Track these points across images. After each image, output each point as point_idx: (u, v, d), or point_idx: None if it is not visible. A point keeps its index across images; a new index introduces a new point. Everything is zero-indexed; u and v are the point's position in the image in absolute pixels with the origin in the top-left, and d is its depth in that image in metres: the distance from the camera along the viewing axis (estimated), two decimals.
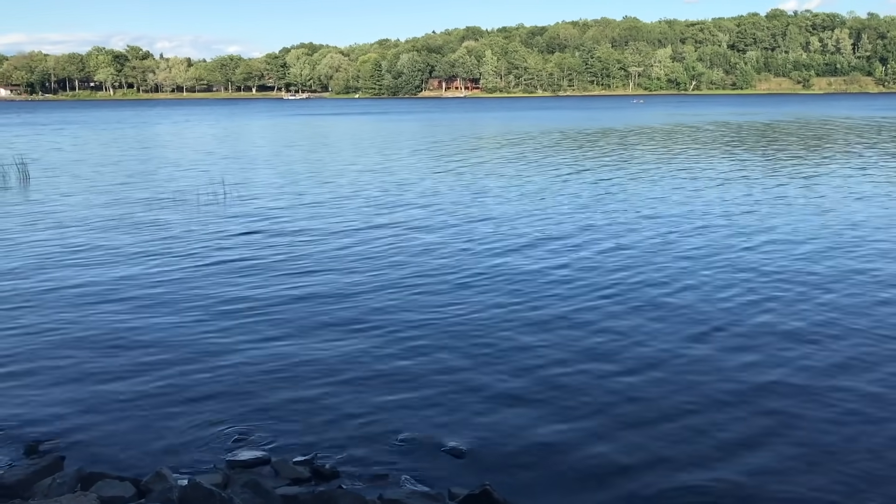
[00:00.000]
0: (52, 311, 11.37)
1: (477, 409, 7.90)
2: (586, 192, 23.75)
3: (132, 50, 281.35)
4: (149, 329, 10.51)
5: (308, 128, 71.64)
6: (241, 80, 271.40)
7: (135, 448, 7.11)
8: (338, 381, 8.60)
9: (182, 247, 15.94)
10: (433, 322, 10.70)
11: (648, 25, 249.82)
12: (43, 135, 61.67)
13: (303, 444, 7.17)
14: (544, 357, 9.32)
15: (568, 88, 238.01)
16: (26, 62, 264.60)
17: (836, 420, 7.58)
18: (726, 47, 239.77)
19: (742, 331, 10.26)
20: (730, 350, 9.54)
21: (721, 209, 20.24)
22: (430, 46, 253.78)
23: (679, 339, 9.94)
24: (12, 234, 17.55)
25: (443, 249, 15.46)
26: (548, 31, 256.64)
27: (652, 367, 9.00)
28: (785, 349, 9.53)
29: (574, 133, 56.22)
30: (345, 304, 11.65)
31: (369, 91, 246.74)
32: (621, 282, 12.81)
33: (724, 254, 14.87)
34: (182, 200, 22.63)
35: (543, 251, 15.23)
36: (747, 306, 11.38)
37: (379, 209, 20.74)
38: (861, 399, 8.05)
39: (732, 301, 11.65)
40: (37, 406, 8.02)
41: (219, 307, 11.52)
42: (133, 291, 12.47)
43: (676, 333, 10.17)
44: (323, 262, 14.48)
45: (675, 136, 52.38)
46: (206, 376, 8.78)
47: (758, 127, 62.32)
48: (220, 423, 7.58)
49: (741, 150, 39.44)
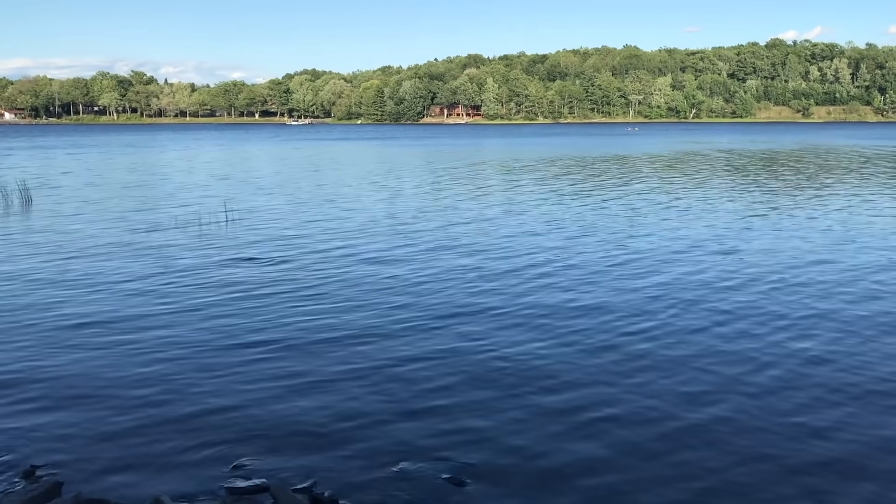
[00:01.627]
0: (47, 336, 11.34)
1: (479, 437, 7.85)
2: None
3: (136, 75, 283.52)
4: (146, 355, 10.48)
5: (312, 153, 71.88)
6: (244, 106, 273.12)
7: (133, 474, 7.07)
8: (338, 409, 8.57)
9: (179, 273, 15.93)
10: (432, 350, 10.67)
11: (648, 54, 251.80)
12: (52, 158, 61.88)
13: (301, 472, 7.13)
14: (550, 386, 9.28)
15: (569, 116, 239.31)
16: (31, 86, 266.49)
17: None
18: (726, 76, 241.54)
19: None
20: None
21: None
22: (432, 73, 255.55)
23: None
24: (7, 258, 17.56)
25: (442, 276, 15.45)
26: (549, 59, 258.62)
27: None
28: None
29: (582, 160, 56.41)
30: (344, 330, 11.62)
31: (371, 117, 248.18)
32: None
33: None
34: (184, 224, 22.67)
35: (549, 273, 15.25)
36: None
37: (376, 233, 20.78)
38: None
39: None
40: (35, 431, 7.98)
41: (216, 333, 11.50)
42: (130, 317, 12.45)
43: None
44: (322, 286, 14.46)
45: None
46: (204, 402, 8.75)
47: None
48: (219, 450, 7.55)
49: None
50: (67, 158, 62.23)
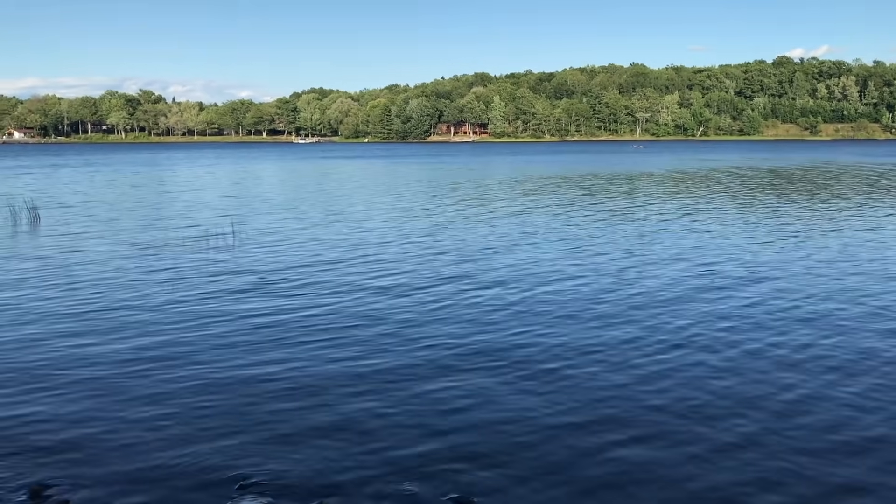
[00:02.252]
0: (51, 357, 11.37)
1: (487, 458, 7.83)
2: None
3: (144, 94, 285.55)
4: (151, 373, 10.50)
5: (321, 172, 72.14)
6: (251, 124, 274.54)
7: (139, 492, 7.07)
8: (344, 429, 8.55)
9: (185, 290, 15.98)
10: (440, 368, 10.66)
11: (656, 72, 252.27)
12: (61, 177, 62.25)
13: (306, 492, 7.12)
14: (560, 407, 9.26)
15: (576, 133, 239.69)
16: (40, 105, 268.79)
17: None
18: (733, 94, 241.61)
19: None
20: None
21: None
22: (438, 92, 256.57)
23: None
24: (14, 276, 17.63)
25: (451, 293, 15.46)
26: (556, 77, 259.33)
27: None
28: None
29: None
30: (351, 350, 11.62)
31: (378, 135, 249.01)
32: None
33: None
34: (191, 243, 22.74)
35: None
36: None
37: (380, 250, 20.82)
38: None
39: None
40: (42, 450, 7.99)
41: (222, 350, 11.52)
42: (134, 338, 12.47)
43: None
44: (330, 306, 14.48)
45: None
46: (209, 423, 8.75)
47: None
48: (224, 469, 7.54)
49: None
50: (77, 177, 62.59)
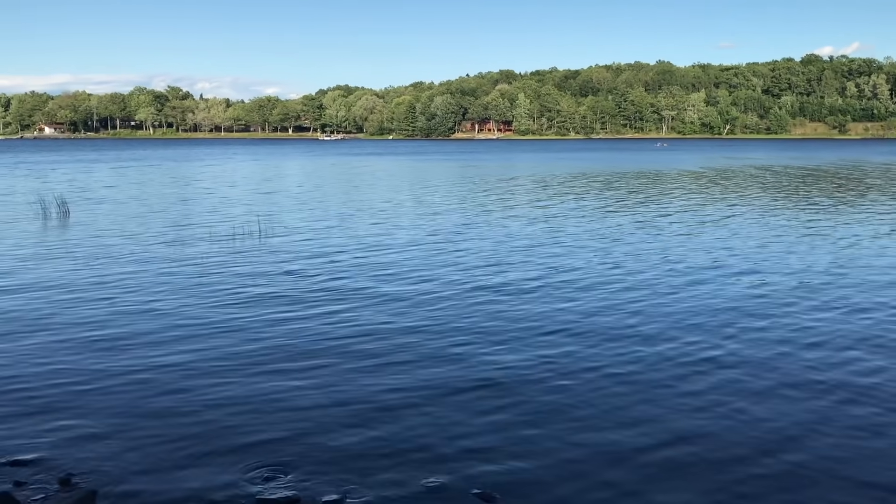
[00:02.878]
0: (80, 348, 11.51)
1: (512, 454, 7.81)
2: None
3: (172, 90, 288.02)
4: (180, 366, 10.60)
5: (348, 168, 72.39)
6: (277, 121, 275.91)
7: (166, 484, 7.14)
8: (368, 424, 8.58)
9: (213, 284, 16.11)
10: (466, 365, 10.66)
11: (682, 70, 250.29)
12: (93, 172, 62.97)
13: (332, 486, 7.14)
14: (587, 403, 9.23)
15: (601, 131, 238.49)
16: (71, 101, 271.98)
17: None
18: (761, 92, 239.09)
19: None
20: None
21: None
22: (463, 89, 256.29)
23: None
24: (44, 267, 17.87)
25: (481, 290, 15.45)
26: (581, 75, 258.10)
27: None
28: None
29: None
30: (377, 344, 11.66)
31: (403, 132, 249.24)
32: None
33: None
34: (217, 236, 22.91)
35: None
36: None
37: (410, 246, 20.85)
38: None
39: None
40: (71, 440, 8.09)
41: (249, 345, 11.59)
42: (161, 330, 12.60)
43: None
44: (357, 301, 14.52)
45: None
46: (238, 416, 8.81)
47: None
48: (251, 462, 7.59)
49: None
50: (108, 172, 63.29)
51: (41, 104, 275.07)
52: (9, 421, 8.55)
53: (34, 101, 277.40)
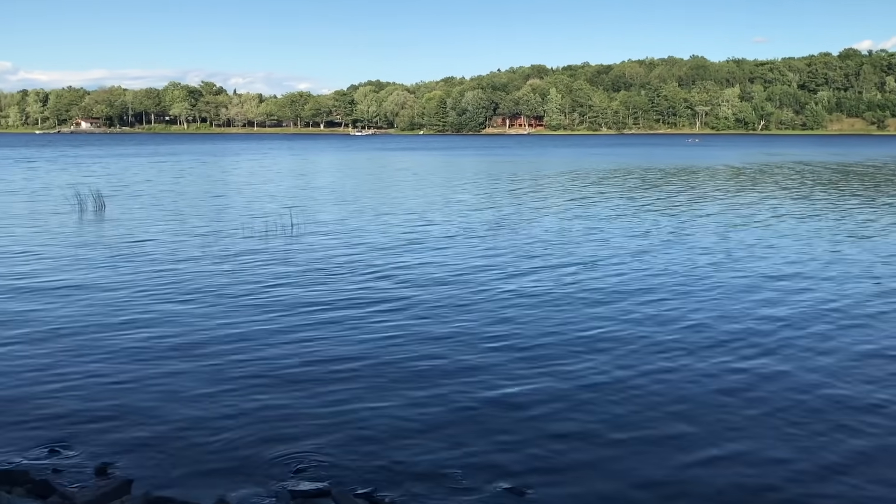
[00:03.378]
0: (115, 342, 11.68)
1: (541, 449, 7.80)
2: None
3: (206, 85, 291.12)
4: (214, 356, 10.71)
5: (384, 164, 72.62)
6: (309, 116, 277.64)
7: (200, 476, 7.22)
8: (401, 419, 8.60)
9: (246, 278, 16.25)
10: (500, 364, 10.65)
11: (716, 65, 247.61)
12: (130, 166, 63.80)
13: (363, 478, 7.18)
14: (624, 400, 9.18)
15: (633, 127, 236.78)
16: (106, 96, 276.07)
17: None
18: (797, 87, 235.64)
19: None
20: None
21: None
22: (494, 84, 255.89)
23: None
24: (87, 260, 18.14)
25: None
26: (613, 70, 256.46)
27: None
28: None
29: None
30: (410, 338, 11.69)
31: (434, 128, 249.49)
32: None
33: None
34: (250, 231, 23.10)
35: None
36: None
37: (442, 243, 20.87)
38: None
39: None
40: (107, 431, 8.22)
41: (282, 338, 11.68)
42: (195, 321, 12.74)
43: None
44: (395, 298, 14.57)
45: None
46: (269, 407, 8.89)
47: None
48: (283, 453, 7.66)
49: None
50: (146, 166, 64.04)
51: (78, 99, 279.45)
52: (46, 411, 8.70)
53: (71, 95, 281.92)
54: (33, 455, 7.59)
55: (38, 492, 6.49)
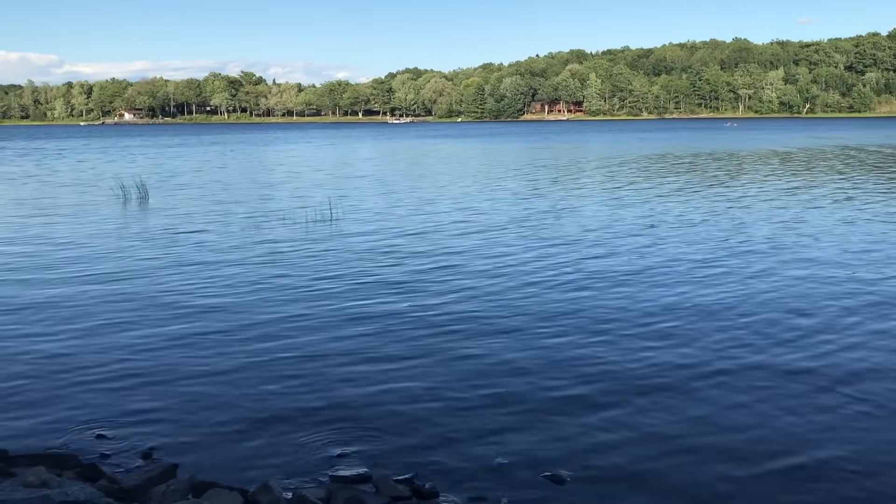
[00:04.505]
0: (164, 327, 11.87)
1: (581, 436, 7.76)
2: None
3: (246, 76, 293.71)
4: (258, 343, 10.84)
5: (426, 151, 72.68)
6: (348, 105, 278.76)
7: (244, 460, 7.33)
8: (442, 403, 8.63)
9: (290, 265, 16.40)
10: (542, 348, 10.61)
11: (760, 47, 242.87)
12: (176, 156, 64.77)
13: (403, 464, 7.22)
14: (665, 388, 9.10)
15: (674, 111, 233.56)
16: (149, 88, 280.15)
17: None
18: (843, 69, 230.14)
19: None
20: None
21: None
22: (533, 70, 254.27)
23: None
24: (118, 253, 18.46)
25: (557, 276, 15.37)
26: (654, 53, 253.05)
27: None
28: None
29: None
30: (453, 327, 11.70)
31: (472, 115, 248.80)
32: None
33: None
34: (291, 219, 23.29)
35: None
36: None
37: (487, 232, 20.84)
38: None
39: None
40: (153, 416, 8.37)
41: (325, 325, 11.77)
42: (241, 308, 12.89)
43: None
44: (435, 284, 14.59)
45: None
46: (313, 393, 8.97)
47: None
48: (324, 439, 7.73)
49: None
50: (191, 156, 64.88)
51: (121, 91, 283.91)
52: (93, 398, 8.89)
53: (114, 87, 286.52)
54: (82, 440, 7.77)
55: (86, 475, 6.64)
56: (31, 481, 5.85)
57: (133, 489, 6.26)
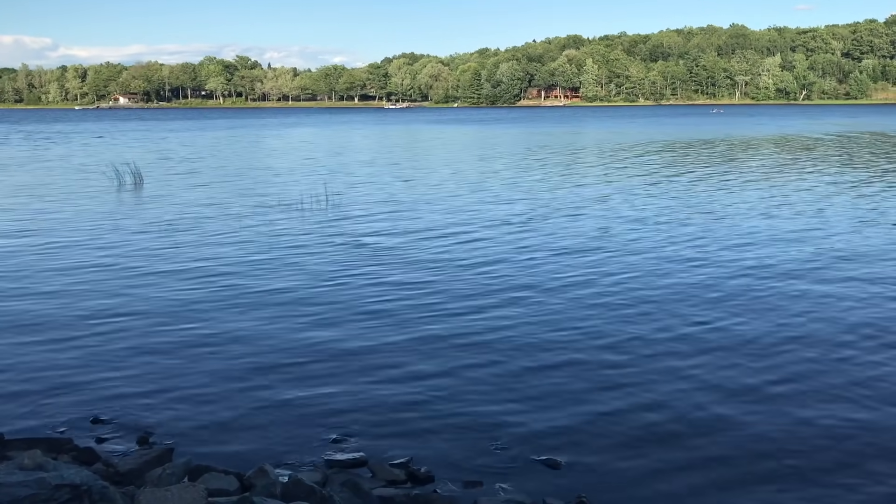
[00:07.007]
0: (159, 312, 11.87)
1: (576, 421, 7.80)
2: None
3: (241, 60, 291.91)
4: (253, 330, 10.85)
5: (422, 138, 72.51)
6: (343, 90, 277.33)
7: (239, 444, 7.35)
8: (436, 388, 8.66)
9: (286, 251, 16.39)
10: (534, 335, 10.64)
11: (756, 33, 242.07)
12: (171, 140, 64.51)
13: (399, 448, 7.25)
14: (658, 377, 9.14)
15: (671, 97, 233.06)
16: (144, 72, 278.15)
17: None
18: (840, 56, 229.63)
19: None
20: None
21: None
22: (529, 55, 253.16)
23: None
24: (112, 238, 18.42)
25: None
26: (651, 39, 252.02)
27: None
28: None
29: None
30: (449, 310, 11.72)
31: (468, 100, 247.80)
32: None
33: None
34: (286, 206, 23.25)
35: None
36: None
37: (483, 218, 20.84)
38: None
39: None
40: (149, 401, 8.38)
41: (321, 313, 11.78)
42: (237, 297, 12.89)
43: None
44: (429, 272, 14.61)
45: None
46: (308, 378, 8.99)
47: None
48: (320, 423, 7.75)
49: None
50: (186, 140, 64.63)
51: (116, 75, 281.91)
52: (91, 383, 8.89)
53: (109, 71, 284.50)
54: (78, 425, 7.78)
55: (82, 459, 6.65)
56: (27, 464, 5.84)
57: (129, 472, 6.28)
